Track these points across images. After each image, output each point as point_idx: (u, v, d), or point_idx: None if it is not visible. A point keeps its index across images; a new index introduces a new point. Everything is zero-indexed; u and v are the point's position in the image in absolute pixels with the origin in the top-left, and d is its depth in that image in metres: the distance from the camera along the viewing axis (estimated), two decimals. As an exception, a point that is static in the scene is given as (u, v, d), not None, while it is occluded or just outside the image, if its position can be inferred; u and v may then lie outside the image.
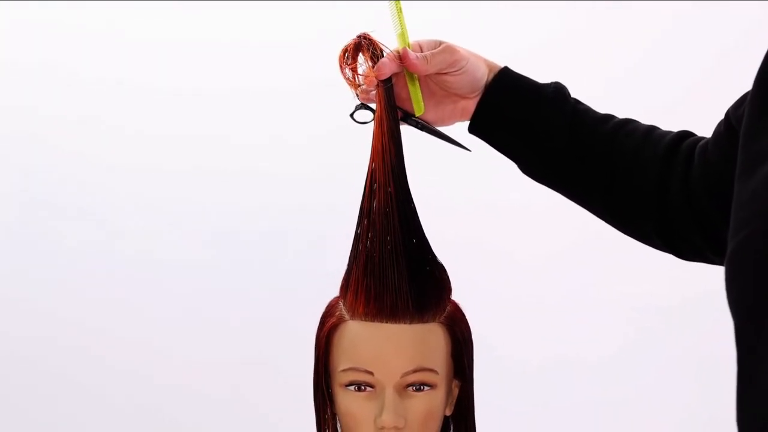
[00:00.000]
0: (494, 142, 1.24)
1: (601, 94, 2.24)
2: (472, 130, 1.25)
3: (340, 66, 1.18)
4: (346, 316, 1.16)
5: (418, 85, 1.20)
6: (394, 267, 1.14)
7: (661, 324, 2.29)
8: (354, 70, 1.16)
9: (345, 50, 1.17)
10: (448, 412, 1.21)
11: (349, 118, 1.20)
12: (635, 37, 2.32)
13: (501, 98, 1.22)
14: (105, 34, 2.42)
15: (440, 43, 1.19)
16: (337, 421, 1.20)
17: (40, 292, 2.43)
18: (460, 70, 1.19)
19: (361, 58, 1.17)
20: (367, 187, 1.17)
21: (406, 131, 1.20)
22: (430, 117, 1.23)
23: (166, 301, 2.42)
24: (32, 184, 2.44)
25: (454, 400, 1.22)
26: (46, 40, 2.42)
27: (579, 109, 1.22)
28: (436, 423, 1.17)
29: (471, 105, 1.23)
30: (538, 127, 1.21)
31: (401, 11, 1.17)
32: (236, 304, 2.42)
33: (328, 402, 1.20)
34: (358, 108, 1.20)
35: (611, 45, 2.32)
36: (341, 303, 1.18)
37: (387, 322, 1.14)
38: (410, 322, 1.14)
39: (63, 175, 2.44)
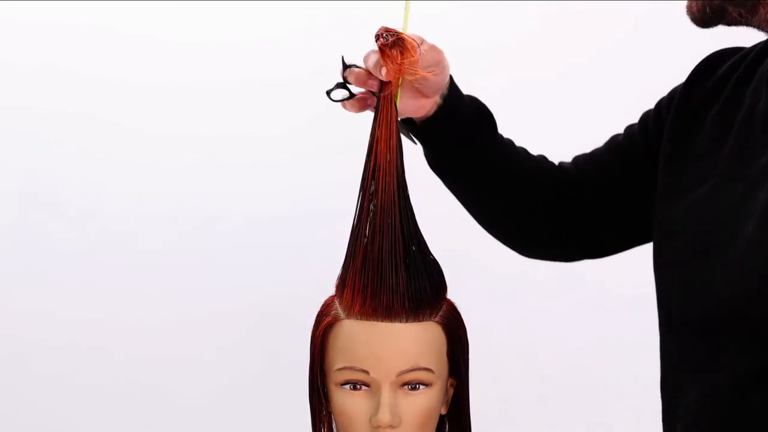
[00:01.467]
0: (428, 141, 1.29)
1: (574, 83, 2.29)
2: (415, 126, 1.28)
3: (382, 51, 1.15)
4: (342, 315, 1.16)
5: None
6: (392, 266, 1.14)
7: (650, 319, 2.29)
8: (393, 61, 1.15)
9: (390, 41, 1.15)
10: (444, 411, 1.21)
11: (326, 96, 1.21)
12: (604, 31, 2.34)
13: (455, 111, 1.27)
14: (104, 33, 2.43)
15: (422, 39, 1.20)
16: (333, 420, 1.20)
17: (41, 290, 2.43)
18: (440, 71, 1.21)
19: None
20: (366, 186, 1.17)
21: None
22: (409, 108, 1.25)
23: (167, 299, 2.43)
24: (32, 182, 2.45)
25: (450, 399, 1.22)
26: (46, 40, 2.42)
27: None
28: (432, 422, 1.18)
29: (427, 104, 1.25)
30: (476, 143, 1.29)
31: (408, 9, 1.18)
32: (238, 301, 2.43)
33: (323, 401, 1.20)
34: (336, 86, 1.21)
35: (579, 40, 2.35)
36: (337, 302, 1.18)
37: (383, 321, 1.14)
38: (406, 321, 1.14)
39: (63, 174, 2.44)
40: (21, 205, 2.45)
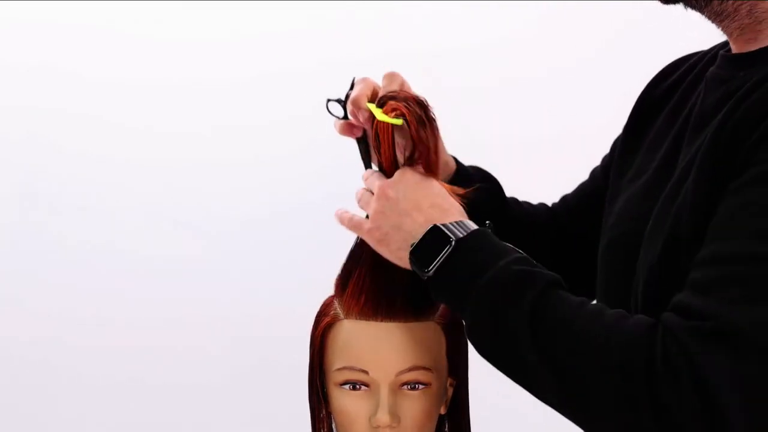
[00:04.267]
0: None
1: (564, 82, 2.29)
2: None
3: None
4: (341, 315, 1.17)
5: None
6: (391, 266, 1.14)
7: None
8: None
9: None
10: (443, 411, 1.21)
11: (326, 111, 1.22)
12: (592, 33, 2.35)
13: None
14: (104, 33, 2.43)
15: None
16: (332, 420, 1.20)
17: (41, 289, 2.43)
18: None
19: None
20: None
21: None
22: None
23: (167, 297, 2.43)
24: (32, 182, 2.45)
25: (449, 399, 1.22)
26: (46, 40, 2.43)
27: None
28: (431, 422, 1.18)
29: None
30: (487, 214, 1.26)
31: None
32: (237, 301, 2.43)
33: (322, 401, 1.20)
34: (336, 101, 1.22)
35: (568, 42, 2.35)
36: (336, 302, 1.18)
37: (382, 321, 1.14)
38: (405, 321, 1.14)
39: (64, 173, 2.44)
40: (21, 205, 2.45)
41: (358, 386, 1.14)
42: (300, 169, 2.42)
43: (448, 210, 1.10)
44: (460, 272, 1.05)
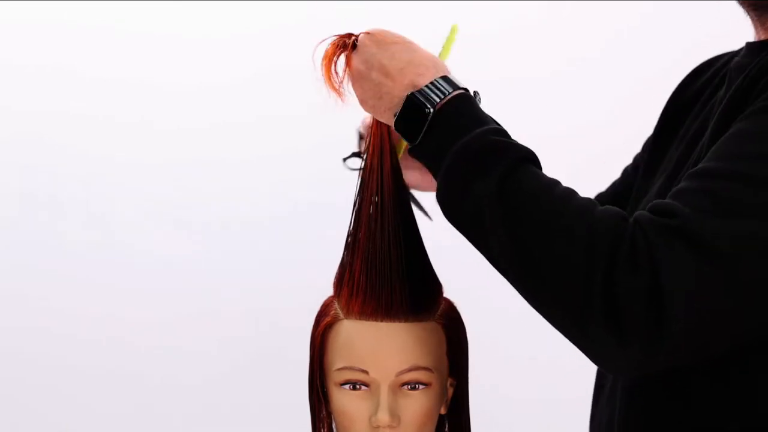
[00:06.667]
0: None
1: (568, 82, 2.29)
2: None
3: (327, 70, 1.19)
4: (341, 315, 1.16)
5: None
6: (390, 266, 1.14)
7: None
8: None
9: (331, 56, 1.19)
10: (443, 411, 1.21)
11: (342, 162, 1.24)
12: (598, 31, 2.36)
13: None
14: (107, 33, 2.43)
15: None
16: (332, 420, 1.20)
17: (41, 287, 2.44)
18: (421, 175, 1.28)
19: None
20: (363, 186, 1.18)
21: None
22: (413, 179, 1.30)
23: (168, 296, 2.43)
24: (36, 182, 2.45)
25: (449, 399, 1.22)
26: (48, 41, 2.43)
27: None
28: (431, 422, 1.17)
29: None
30: None
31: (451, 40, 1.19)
32: (237, 301, 2.43)
33: (323, 401, 1.20)
34: (352, 155, 1.23)
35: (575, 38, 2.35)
36: (336, 302, 1.18)
37: (382, 321, 1.14)
38: (405, 321, 1.14)
39: (68, 174, 2.44)
40: (21, 205, 2.45)
41: (358, 386, 1.14)
42: (301, 169, 2.42)
43: (419, 66, 1.11)
44: (438, 137, 1.06)
